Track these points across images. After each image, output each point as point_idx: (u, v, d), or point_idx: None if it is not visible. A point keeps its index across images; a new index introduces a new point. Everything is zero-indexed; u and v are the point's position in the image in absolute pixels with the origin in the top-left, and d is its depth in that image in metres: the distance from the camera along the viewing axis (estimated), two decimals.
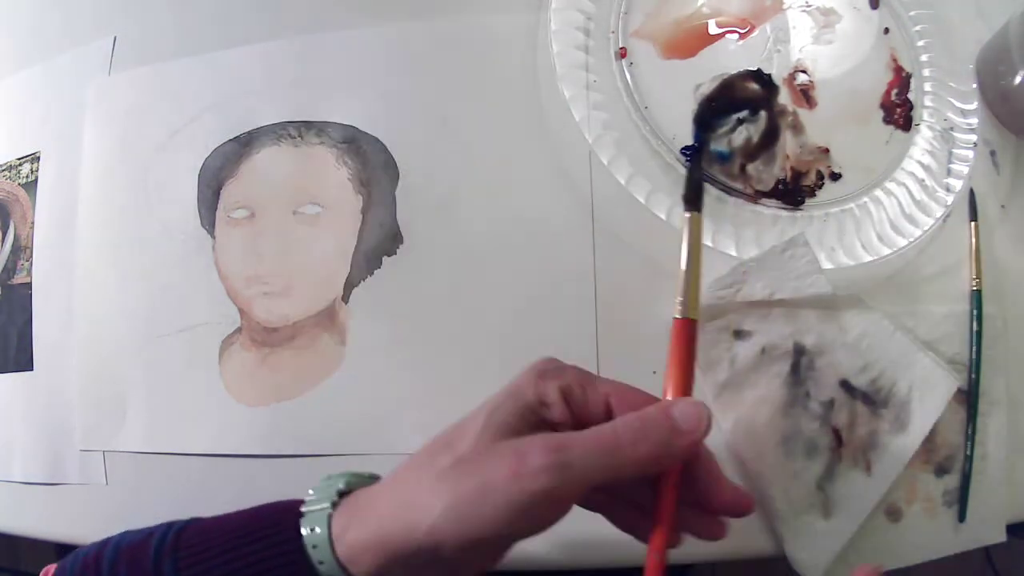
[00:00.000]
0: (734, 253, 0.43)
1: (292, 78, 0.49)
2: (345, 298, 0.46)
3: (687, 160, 0.44)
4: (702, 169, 0.43)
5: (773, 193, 0.45)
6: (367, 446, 0.44)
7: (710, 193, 0.44)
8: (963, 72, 0.47)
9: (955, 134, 0.46)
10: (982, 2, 0.49)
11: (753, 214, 0.44)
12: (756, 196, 0.45)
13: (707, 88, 0.45)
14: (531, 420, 0.30)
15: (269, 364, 0.45)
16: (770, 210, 0.44)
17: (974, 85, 0.47)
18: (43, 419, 0.49)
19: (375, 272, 0.46)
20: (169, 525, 0.33)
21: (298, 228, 0.47)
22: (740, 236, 0.43)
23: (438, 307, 0.45)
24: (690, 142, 0.45)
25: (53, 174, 0.52)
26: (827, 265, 0.43)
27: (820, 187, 0.45)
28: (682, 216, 0.33)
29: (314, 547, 0.30)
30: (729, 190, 0.44)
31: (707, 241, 0.43)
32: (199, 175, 0.49)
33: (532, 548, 0.42)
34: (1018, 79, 0.45)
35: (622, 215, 0.44)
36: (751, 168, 0.45)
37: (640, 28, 0.47)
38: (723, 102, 0.45)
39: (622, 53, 0.46)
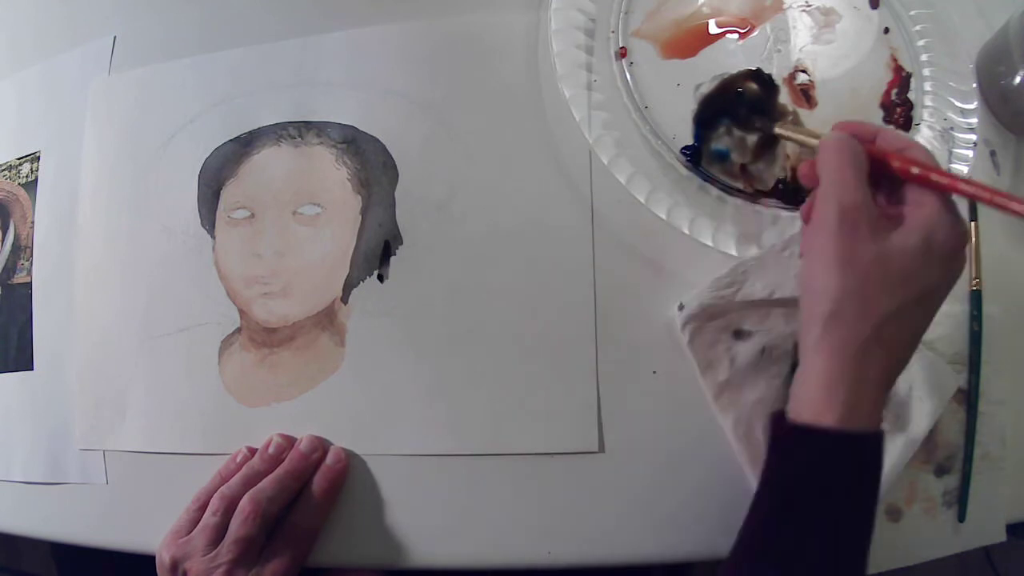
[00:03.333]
0: (734, 253, 0.43)
1: (292, 78, 0.49)
2: (344, 298, 0.46)
3: (688, 160, 0.44)
4: None
5: (773, 193, 0.45)
6: (366, 446, 0.44)
7: (710, 193, 0.44)
8: (963, 72, 0.47)
9: (955, 134, 0.46)
10: (982, 2, 0.49)
11: (754, 214, 0.44)
12: (756, 196, 0.45)
13: (707, 88, 0.45)
14: None
15: (268, 364, 0.45)
16: (770, 210, 0.44)
17: (974, 85, 0.47)
18: (43, 419, 0.49)
19: (375, 272, 0.46)
20: None
21: (298, 228, 0.47)
22: (740, 236, 0.43)
23: (437, 307, 0.45)
24: (690, 142, 0.45)
25: (53, 174, 0.52)
26: None
27: None
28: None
29: None
30: (730, 190, 0.44)
31: (707, 241, 0.43)
32: (199, 175, 0.49)
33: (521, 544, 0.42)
34: (1018, 79, 0.45)
35: (622, 215, 0.44)
36: (752, 168, 0.45)
37: (640, 28, 0.47)
38: (723, 102, 0.45)
39: (622, 53, 0.46)
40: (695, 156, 0.45)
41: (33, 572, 0.86)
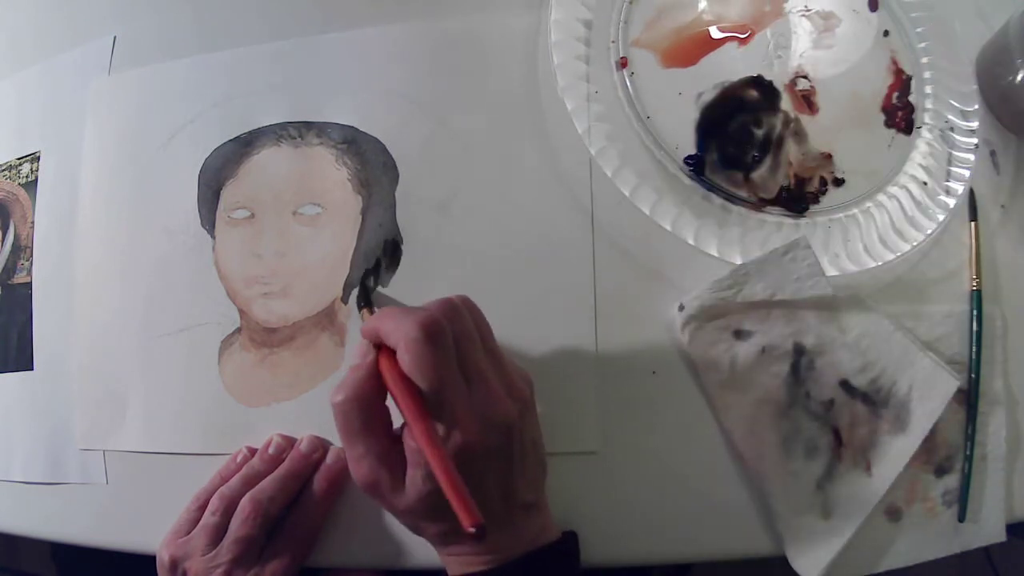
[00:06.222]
0: (738, 261, 0.43)
1: (292, 78, 0.49)
2: (344, 299, 0.46)
3: (691, 169, 0.44)
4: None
5: (777, 200, 0.44)
6: None
7: (714, 202, 0.44)
8: (964, 73, 0.47)
9: (956, 136, 0.46)
10: (982, 3, 0.49)
11: (757, 222, 0.44)
12: (760, 204, 0.44)
13: (709, 96, 0.45)
14: None
15: (268, 364, 0.45)
16: (774, 218, 0.44)
17: (975, 86, 0.47)
18: (43, 419, 0.49)
19: None
20: None
21: (298, 228, 0.47)
22: (745, 245, 0.43)
23: None
24: (693, 151, 0.45)
25: (53, 174, 0.52)
26: (832, 271, 0.43)
27: (824, 193, 0.45)
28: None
29: None
30: (733, 198, 0.44)
31: (712, 251, 0.43)
32: (199, 175, 0.49)
33: None
34: (1018, 79, 0.45)
35: (622, 215, 0.44)
36: (755, 176, 0.45)
37: (640, 37, 0.47)
38: (725, 110, 0.45)
39: (623, 63, 0.46)
40: (698, 166, 0.44)
41: (33, 572, 0.86)
